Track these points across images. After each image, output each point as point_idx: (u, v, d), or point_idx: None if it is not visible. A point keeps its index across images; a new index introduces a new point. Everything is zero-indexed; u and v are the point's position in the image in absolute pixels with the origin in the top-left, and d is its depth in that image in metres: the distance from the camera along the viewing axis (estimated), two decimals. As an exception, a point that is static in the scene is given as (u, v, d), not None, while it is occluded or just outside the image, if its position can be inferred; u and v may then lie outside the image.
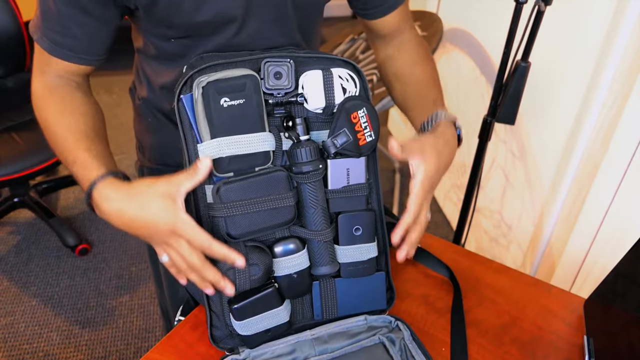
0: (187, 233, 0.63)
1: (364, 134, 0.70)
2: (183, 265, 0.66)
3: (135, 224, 0.64)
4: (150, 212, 0.63)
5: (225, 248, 0.64)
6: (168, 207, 0.62)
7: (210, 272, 0.65)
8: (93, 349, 1.65)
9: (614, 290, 0.73)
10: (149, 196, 0.63)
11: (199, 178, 0.64)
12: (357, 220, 0.73)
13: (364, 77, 0.72)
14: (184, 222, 0.62)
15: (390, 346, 0.74)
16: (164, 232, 0.63)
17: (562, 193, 1.40)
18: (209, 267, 0.65)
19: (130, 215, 0.64)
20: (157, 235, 0.65)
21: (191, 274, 0.66)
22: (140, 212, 0.63)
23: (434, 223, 2.17)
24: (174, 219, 0.62)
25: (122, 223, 0.65)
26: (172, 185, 0.63)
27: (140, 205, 0.63)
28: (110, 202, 0.65)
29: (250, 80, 0.66)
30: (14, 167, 1.72)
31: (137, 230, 0.65)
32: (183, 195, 0.63)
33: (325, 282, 0.76)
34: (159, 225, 0.63)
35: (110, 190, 0.66)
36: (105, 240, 2.06)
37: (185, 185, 0.63)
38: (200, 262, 0.64)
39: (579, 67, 1.29)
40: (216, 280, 0.66)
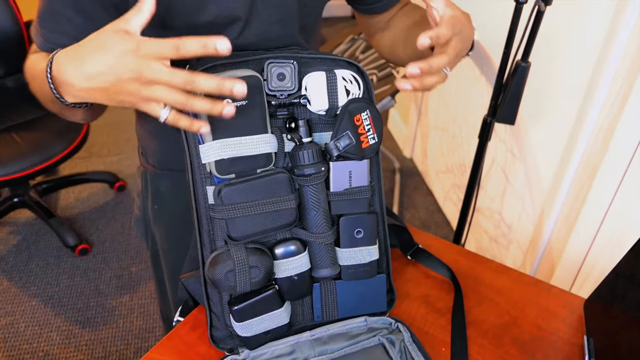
0: (153, 45, 0.55)
1: (367, 137, 0.70)
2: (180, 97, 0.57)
3: (98, 74, 0.57)
4: (106, 49, 0.56)
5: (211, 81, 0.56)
6: (122, 37, 0.56)
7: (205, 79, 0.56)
8: (93, 349, 1.65)
9: (614, 290, 0.73)
10: (100, 37, 0.57)
11: (147, 6, 0.56)
12: (359, 223, 0.73)
13: (367, 78, 0.72)
14: (145, 40, 0.55)
15: (390, 347, 0.74)
16: (129, 64, 0.55)
17: (562, 193, 1.40)
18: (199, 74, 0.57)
19: (89, 67, 0.57)
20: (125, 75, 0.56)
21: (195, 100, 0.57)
22: (96, 56, 0.57)
23: (434, 223, 2.17)
24: (132, 41, 0.55)
25: (85, 81, 0.58)
26: (119, 21, 0.57)
27: (94, 48, 0.57)
28: (66, 65, 0.59)
29: (253, 81, 0.66)
30: (14, 167, 1.72)
31: (104, 82, 0.57)
32: (138, 29, 0.57)
33: (325, 284, 0.76)
34: (119, 57, 0.55)
35: (62, 56, 0.60)
36: (105, 240, 2.06)
37: (134, 19, 0.56)
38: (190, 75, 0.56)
39: (579, 67, 1.30)
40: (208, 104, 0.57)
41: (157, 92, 0.57)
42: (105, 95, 0.59)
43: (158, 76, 0.56)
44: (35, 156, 1.75)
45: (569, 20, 1.32)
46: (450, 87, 2.02)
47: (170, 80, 0.56)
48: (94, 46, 0.57)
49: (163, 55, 0.55)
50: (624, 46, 1.15)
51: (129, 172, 2.39)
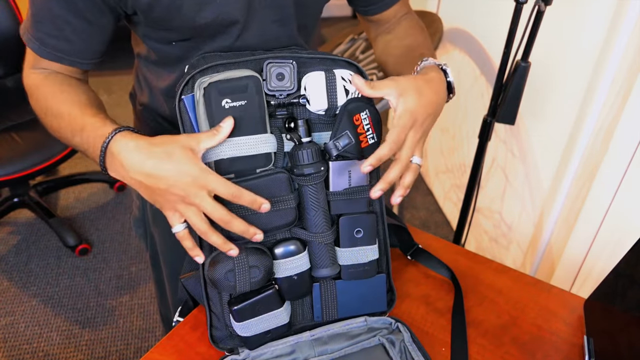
0: (212, 181, 0.60)
1: (366, 137, 0.70)
2: (204, 226, 0.63)
3: (154, 175, 0.61)
4: (172, 160, 0.60)
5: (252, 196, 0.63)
6: (190, 157, 0.60)
7: (237, 223, 0.63)
8: (93, 349, 1.65)
9: (614, 290, 0.73)
10: (171, 145, 0.61)
11: (220, 137, 0.62)
12: (359, 223, 0.73)
13: (367, 78, 0.72)
14: (207, 172, 0.60)
15: (390, 347, 0.74)
16: (185, 185, 0.60)
17: (562, 193, 1.40)
18: (235, 218, 0.63)
19: (151, 165, 0.61)
20: (176, 190, 0.61)
21: (212, 235, 0.63)
22: (162, 161, 0.60)
23: (434, 223, 2.17)
24: (197, 168, 0.60)
25: (140, 174, 0.62)
26: (192, 139, 0.62)
27: (163, 153, 0.61)
28: (130, 151, 0.62)
29: (252, 82, 0.66)
30: (14, 167, 1.72)
31: (154, 183, 0.61)
32: (202, 151, 0.62)
33: (325, 284, 0.76)
34: (180, 175, 0.60)
35: (130, 139, 0.63)
36: (105, 240, 2.06)
37: (204, 142, 0.62)
38: (228, 215, 0.62)
39: (579, 67, 1.29)
40: (245, 229, 0.64)
41: (189, 213, 0.62)
42: (145, 190, 0.64)
43: (200, 204, 0.61)
44: (35, 156, 1.75)
45: (569, 20, 1.32)
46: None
47: (210, 212, 0.62)
48: (163, 151, 0.61)
49: (219, 193, 0.62)
50: (624, 46, 1.15)
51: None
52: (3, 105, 1.93)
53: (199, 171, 0.60)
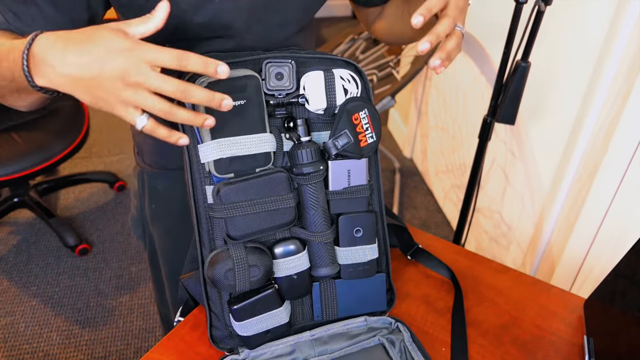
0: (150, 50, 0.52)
1: (365, 136, 0.70)
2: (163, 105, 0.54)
3: (82, 63, 0.53)
4: (98, 39, 0.53)
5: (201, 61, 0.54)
6: (117, 35, 0.53)
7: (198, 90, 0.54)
8: (93, 349, 1.65)
9: (614, 290, 0.73)
10: (95, 29, 0.54)
11: (155, 20, 0.54)
12: (358, 222, 0.73)
13: (365, 77, 0.72)
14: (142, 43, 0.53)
15: (390, 347, 0.74)
16: (120, 62, 0.52)
17: (562, 193, 1.40)
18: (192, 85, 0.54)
19: (74, 50, 0.53)
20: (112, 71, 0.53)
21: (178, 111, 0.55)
22: (86, 43, 0.53)
23: (434, 223, 2.17)
24: (128, 41, 0.53)
25: (66, 66, 0.54)
26: (119, 24, 0.54)
27: (86, 36, 0.53)
28: (51, 44, 0.54)
29: (251, 81, 0.66)
30: (14, 167, 1.72)
31: (85, 72, 0.53)
32: (137, 35, 0.54)
33: (325, 283, 0.76)
34: (110, 52, 0.52)
35: (51, 35, 0.56)
36: (105, 240, 2.06)
37: (137, 26, 0.54)
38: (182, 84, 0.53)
39: (579, 67, 1.29)
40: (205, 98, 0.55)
41: (139, 97, 0.54)
42: (81, 87, 0.55)
43: (147, 80, 0.53)
44: (35, 156, 1.75)
45: (569, 20, 1.31)
46: (451, 87, 2.02)
47: (160, 87, 0.53)
48: (86, 36, 0.54)
49: (161, 62, 0.53)
50: (624, 46, 1.15)
51: (129, 172, 2.39)
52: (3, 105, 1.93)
53: (131, 43, 0.52)
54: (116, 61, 0.52)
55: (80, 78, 0.54)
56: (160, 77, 0.53)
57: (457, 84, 1.95)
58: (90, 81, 0.54)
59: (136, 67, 0.52)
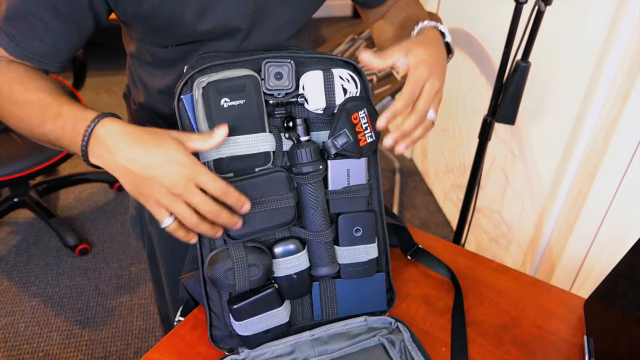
0: (203, 174, 0.58)
1: (364, 135, 0.70)
2: (194, 218, 0.60)
3: (142, 162, 0.58)
4: (162, 148, 0.58)
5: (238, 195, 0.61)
6: (180, 148, 0.58)
7: (225, 213, 0.61)
8: (93, 349, 1.65)
9: (614, 290, 0.73)
10: (162, 135, 0.59)
11: (212, 142, 0.60)
12: (358, 221, 0.73)
13: (364, 77, 0.72)
14: (198, 164, 0.58)
15: (390, 347, 0.74)
16: (173, 174, 0.57)
17: (562, 193, 1.40)
18: (223, 209, 0.61)
19: (140, 150, 0.58)
20: (163, 180, 0.58)
21: (202, 225, 0.61)
22: (151, 147, 0.58)
23: (434, 223, 2.17)
24: (187, 158, 0.58)
25: (126, 160, 0.59)
26: (184, 134, 0.60)
27: (153, 140, 0.58)
28: (120, 135, 0.59)
29: (250, 81, 0.66)
30: (14, 167, 1.72)
31: (141, 171, 0.58)
32: (191, 149, 0.59)
33: (325, 283, 0.76)
34: (169, 163, 0.57)
35: (120, 124, 0.60)
36: (105, 240, 2.06)
37: (196, 142, 0.60)
38: (217, 207, 0.60)
39: (579, 67, 1.29)
40: (229, 219, 0.62)
41: (176, 206, 0.59)
42: (130, 179, 0.60)
43: (189, 196, 0.58)
44: (35, 156, 1.75)
45: (569, 20, 1.31)
46: (451, 87, 2.02)
47: (198, 205, 0.59)
48: (153, 138, 0.59)
49: (207, 189, 0.59)
50: (624, 46, 1.15)
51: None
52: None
53: (190, 161, 0.58)
54: (171, 172, 0.58)
55: (132, 174, 0.59)
56: (202, 197, 0.59)
57: (457, 84, 1.95)
58: (141, 179, 0.59)
59: (185, 184, 0.58)
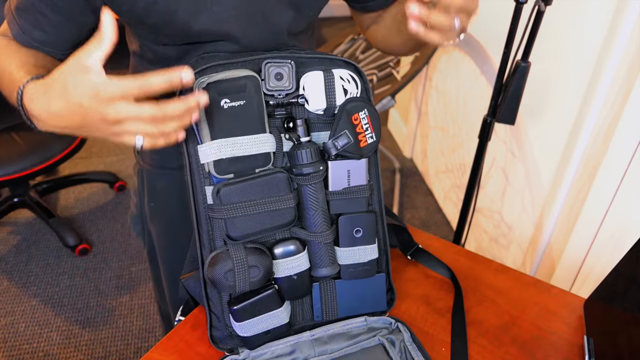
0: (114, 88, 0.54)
1: (365, 136, 0.70)
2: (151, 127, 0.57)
3: (65, 114, 0.57)
4: (69, 91, 0.55)
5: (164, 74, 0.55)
6: (82, 80, 0.54)
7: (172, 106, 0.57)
8: (93, 349, 1.65)
9: (614, 290, 0.73)
10: (63, 76, 0.56)
11: (107, 41, 0.54)
12: (358, 222, 0.73)
13: (365, 78, 0.72)
14: (106, 83, 0.54)
15: (390, 347, 0.74)
16: (95, 108, 0.55)
17: (562, 193, 1.40)
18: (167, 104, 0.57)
19: (56, 106, 0.57)
20: (93, 118, 0.56)
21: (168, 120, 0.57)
22: (62, 96, 0.56)
23: (434, 223, 2.17)
24: (92, 86, 0.54)
25: (56, 119, 0.58)
26: (81, 57, 0.55)
27: (59, 87, 0.57)
28: (36, 100, 0.59)
29: (250, 81, 0.66)
30: (14, 167, 1.72)
31: (74, 121, 0.58)
32: (98, 63, 0.54)
33: (325, 283, 0.76)
34: (83, 102, 0.55)
35: (32, 90, 0.61)
36: (105, 240, 2.06)
37: (95, 53, 0.54)
38: (156, 107, 0.56)
39: (579, 67, 1.29)
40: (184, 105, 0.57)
41: (127, 127, 0.57)
42: (77, 132, 0.60)
43: (124, 114, 0.55)
44: (35, 156, 1.75)
45: (569, 20, 1.31)
46: (451, 87, 2.02)
47: (138, 116, 0.56)
48: (57, 86, 0.57)
49: (127, 95, 0.55)
50: (624, 46, 1.15)
51: (129, 172, 2.39)
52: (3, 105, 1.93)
53: (95, 86, 0.54)
54: (91, 109, 0.55)
55: (70, 127, 0.59)
56: (135, 107, 0.55)
57: (457, 84, 1.95)
58: (80, 128, 0.58)
59: (109, 107, 0.55)
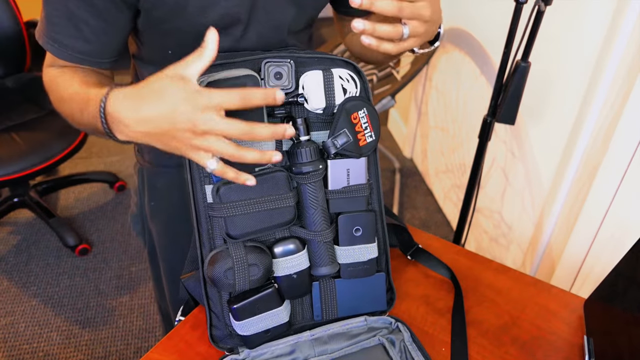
0: (215, 95, 0.55)
1: (364, 135, 0.70)
2: (231, 148, 0.57)
3: (152, 119, 0.57)
4: (163, 96, 0.56)
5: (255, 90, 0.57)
6: (180, 86, 0.55)
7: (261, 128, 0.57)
8: (93, 349, 1.65)
9: (614, 290, 0.73)
10: (158, 82, 0.57)
11: (208, 53, 0.56)
12: (357, 221, 0.73)
13: (364, 77, 0.72)
14: (204, 90, 0.55)
15: (390, 347, 0.74)
16: (187, 114, 0.55)
17: (562, 193, 1.40)
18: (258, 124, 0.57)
19: (145, 109, 0.57)
20: (181, 125, 0.56)
21: (246, 152, 0.58)
22: (153, 101, 0.57)
23: (434, 223, 2.17)
24: (190, 90, 0.55)
25: (140, 124, 0.58)
26: (178, 67, 0.57)
27: (152, 92, 0.57)
28: (122, 103, 0.59)
29: (250, 81, 0.66)
30: (14, 167, 1.72)
31: (158, 127, 0.57)
32: (195, 76, 0.56)
33: (325, 282, 0.76)
34: (177, 106, 0.55)
35: (121, 93, 0.60)
36: (105, 240, 2.06)
37: (193, 65, 0.56)
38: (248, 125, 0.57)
39: (579, 67, 1.29)
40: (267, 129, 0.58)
41: (208, 142, 0.57)
42: (157, 140, 0.59)
43: (213, 127, 0.56)
44: (35, 156, 1.75)
45: (569, 20, 1.31)
46: (451, 87, 2.02)
47: (226, 131, 0.56)
48: (152, 90, 0.57)
49: (227, 107, 0.56)
50: (623, 46, 1.15)
51: (129, 172, 2.39)
52: (3, 105, 1.93)
53: (194, 93, 0.55)
54: (184, 115, 0.55)
55: (154, 133, 0.58)
56: (225, 122, 0.56)
57: (457, 84, 1.95)
58: (163, 135, 0.58)
59: (202, 116, 0.55)
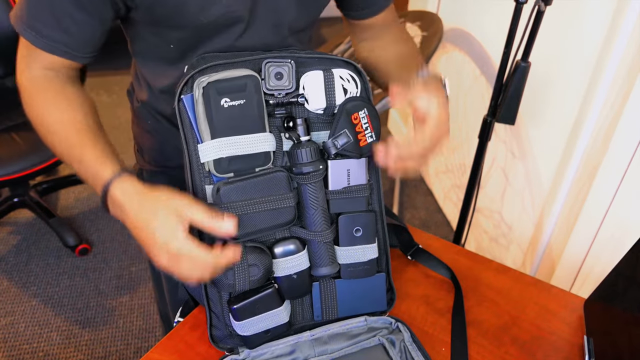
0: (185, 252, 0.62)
1: (364, 135, 0.70)
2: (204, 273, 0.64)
3: (142, 229, 0.63)
4: (155, 222, 0.62)
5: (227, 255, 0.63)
6: (169, 225, 0.61)
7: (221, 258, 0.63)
8: (93, 349, 1.65)
9: (614, 290, 0.73)
10: (160, 205, 0.62)
11: (215, 227, 0.62)
12: (358, 221, 0.73)
13: (365, 77, 0.72)
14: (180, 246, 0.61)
15: (390, 347, 0.74)
16: (160, 247, 0.62)
17: (562, 193, 1.40)
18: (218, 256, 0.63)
19: (142, 218, 0.63)
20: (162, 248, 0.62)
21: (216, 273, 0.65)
22: (149, 218, 0.62)
23: (434, 223, 2.17)
24: (171, 238, 0.61)
25: (134, 223, 0.64)
26: (184, 206, 0.62)
27: (151, 211, 0.62)
28: (130, 200, 0.64)
29: (251, 81, 0.66)
30: (14, 167, 1.72)
31: (143, 236, 0.63)
32: (189, 220, 0.62)
33: (325, 283, 0.76)
34: (156, 237, 0.62)
35: (130, 187, 0.65)
36: (105, 240, 2.06)
37: (196, 215, 0.62)
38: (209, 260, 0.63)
39: (579, 67, 1.29)
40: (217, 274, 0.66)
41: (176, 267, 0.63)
42: (138, 237, 0.64)
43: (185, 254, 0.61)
44: (35, 156, 1.75)
45: (569, 20, 1.31)
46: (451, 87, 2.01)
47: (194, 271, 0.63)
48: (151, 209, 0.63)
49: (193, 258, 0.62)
50: (623, 46, 1.15)
51: (129, 172, 2.39)
52: (3, 105, 1.93)
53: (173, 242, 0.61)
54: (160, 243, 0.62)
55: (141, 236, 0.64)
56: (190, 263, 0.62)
57: (457, 84, 1.95)
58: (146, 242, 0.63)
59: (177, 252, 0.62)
